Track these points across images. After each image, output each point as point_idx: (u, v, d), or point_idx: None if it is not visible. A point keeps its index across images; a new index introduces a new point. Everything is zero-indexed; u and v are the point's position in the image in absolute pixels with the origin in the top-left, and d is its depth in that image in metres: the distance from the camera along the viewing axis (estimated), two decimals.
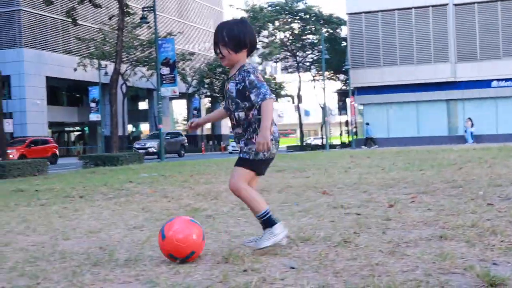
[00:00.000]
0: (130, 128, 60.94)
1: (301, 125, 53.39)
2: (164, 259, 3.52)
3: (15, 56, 43.45)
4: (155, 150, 31.70)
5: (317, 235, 4.07)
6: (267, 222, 3.59)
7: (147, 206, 6.53)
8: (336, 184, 8.11)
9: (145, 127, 66.73)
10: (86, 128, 60.42)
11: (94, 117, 46.09)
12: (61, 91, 54.61)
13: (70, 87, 53.54)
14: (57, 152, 36.13)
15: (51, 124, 49.87)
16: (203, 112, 63.20)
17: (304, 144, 54.17)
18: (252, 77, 3.52)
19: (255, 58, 50.56)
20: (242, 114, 3.58)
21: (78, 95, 55.39)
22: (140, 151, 30.04)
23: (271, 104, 3.49)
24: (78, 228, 5.11)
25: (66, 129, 61.28)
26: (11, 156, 26.87)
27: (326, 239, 3.92)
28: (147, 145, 34.29)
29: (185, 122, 66.76)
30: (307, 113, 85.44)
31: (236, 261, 3.33)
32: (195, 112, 59.68)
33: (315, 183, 8.40)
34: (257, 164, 3.60)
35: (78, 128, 61.82)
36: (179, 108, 73.58)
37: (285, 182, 8.89)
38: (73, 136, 64.07)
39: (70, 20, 27.27)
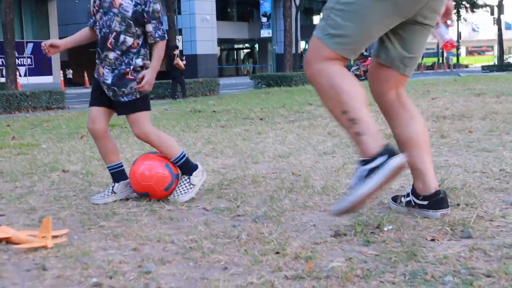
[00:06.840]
0: (302, 45, 61.12)
1: (500, 41, 49.95)
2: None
3: None
4: None
5: None
6: (185, 167, 3.59)
7: (334, 131, 6.65)
8: None
9: None
10: (256, 45, 61.82)
11: (265, 33, 47.05)
12: (231, 5, 56.09)
13: (240, 0, 54.87)
14: None
15: (220, 41, 51.64)
16: None
17: (505, 62, 50.86)
18: (157, 6, 3.47)
19: None
20: (129, 40, 3.45)
21: (248, 9, 56.58)
22: None
23: (165, 46, 3.54)
24: (265, 152, 5.37)
25: (236, 46, 63.17)
26: None
27: None
28: None
29: None
30: (508, 26, 79.79)
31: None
32: None
33: None
34: (148, 101, 3.59)
35: (247, 45, 63.43)
36: None
37: (488, 107, 8.52)
38: (242, 54, 65.92)
39: None
